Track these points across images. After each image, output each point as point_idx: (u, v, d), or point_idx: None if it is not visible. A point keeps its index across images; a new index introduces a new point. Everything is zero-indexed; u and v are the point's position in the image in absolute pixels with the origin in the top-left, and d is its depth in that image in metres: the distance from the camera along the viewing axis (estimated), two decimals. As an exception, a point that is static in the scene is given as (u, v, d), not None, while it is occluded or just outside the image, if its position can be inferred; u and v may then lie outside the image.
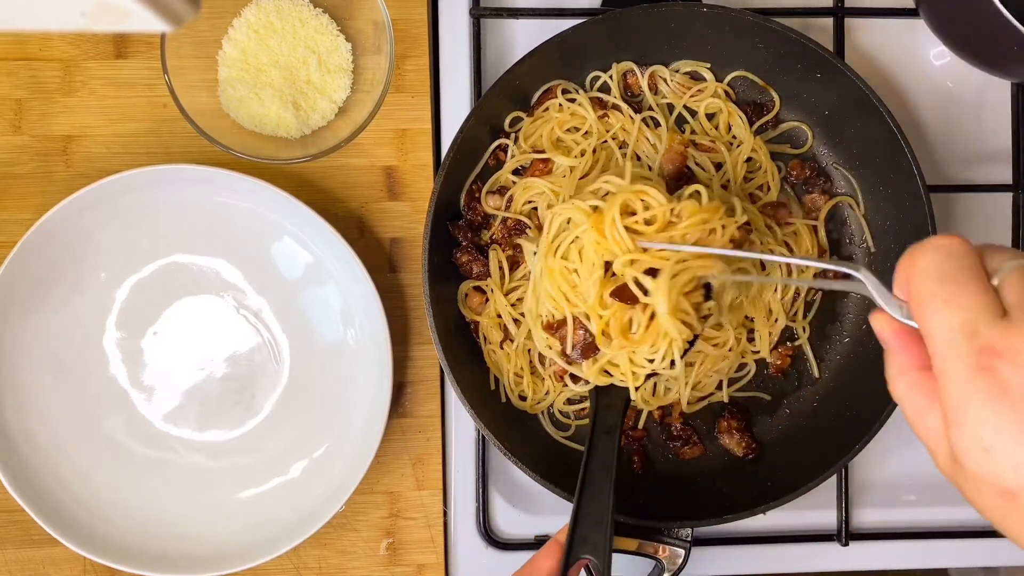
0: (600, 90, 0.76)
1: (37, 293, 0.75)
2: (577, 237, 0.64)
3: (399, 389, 0.79)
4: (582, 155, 0.74)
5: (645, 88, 0.76)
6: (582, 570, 0.63)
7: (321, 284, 0.77)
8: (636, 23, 0.73)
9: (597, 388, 0.67)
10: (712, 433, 0.77)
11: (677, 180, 0.74)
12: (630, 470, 0.76)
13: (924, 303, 0.41)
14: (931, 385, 0.43)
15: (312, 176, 0.78)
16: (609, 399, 0.67)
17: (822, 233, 0.77)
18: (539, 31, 0.76)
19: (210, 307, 0.77)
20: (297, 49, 0.75)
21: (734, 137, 0.76)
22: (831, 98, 0.75)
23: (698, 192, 0.64)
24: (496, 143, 0.76)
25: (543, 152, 0.75)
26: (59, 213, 0.72)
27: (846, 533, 0.79)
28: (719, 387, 0.77)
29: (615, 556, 0.62)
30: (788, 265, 0.75)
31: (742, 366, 0.77)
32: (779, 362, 0.77)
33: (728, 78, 0.77)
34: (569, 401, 0.76)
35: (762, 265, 0.75)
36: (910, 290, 0.43)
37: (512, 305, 0.74)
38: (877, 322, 0.46)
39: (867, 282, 0.48)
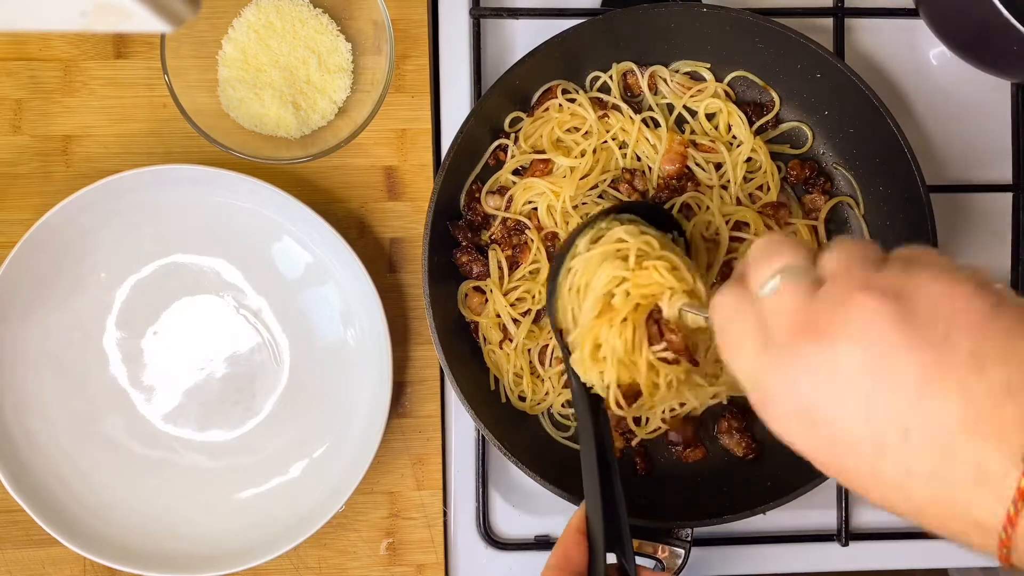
0: (600, 90, 0.76)
1: (37, 293, 0.75)
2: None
3: (399, 389, 0.79)
4: (582, 155, 0.74)
5: (645, 88, 0.76)
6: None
7: (321, 284, 0.77)
8: (636, 23, 0.73)
9: (585, 394, 0.66)
10: (712, 433, 0.77)
11: (677, 180, 0.75)
12: (634, 471, 0.76)
13: (751, 271, 0.46)
14: None
15: (312, 176, 0.78)
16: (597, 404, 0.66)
17: (822, 233, 0.77)
18: (539, 31, 0.76)
19: (210, 307, 0.77)
20: (297, 49, 0.75)
21: (734, 137, 0.76)
22: (831, 98, 0.75)
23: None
24: (496, 143, 0.76)
25: (543, 152, 0.75)
26: (59, 213, 0.72)
27: (846, 533, 0.79)
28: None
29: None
30: None
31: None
32: None
33: (728, 78, 0.77)
34: (568, 403, 0.76)
35: None
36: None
37: (512, 305, 0.74)
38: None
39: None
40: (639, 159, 0.75)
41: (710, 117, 0.77)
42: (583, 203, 0.74)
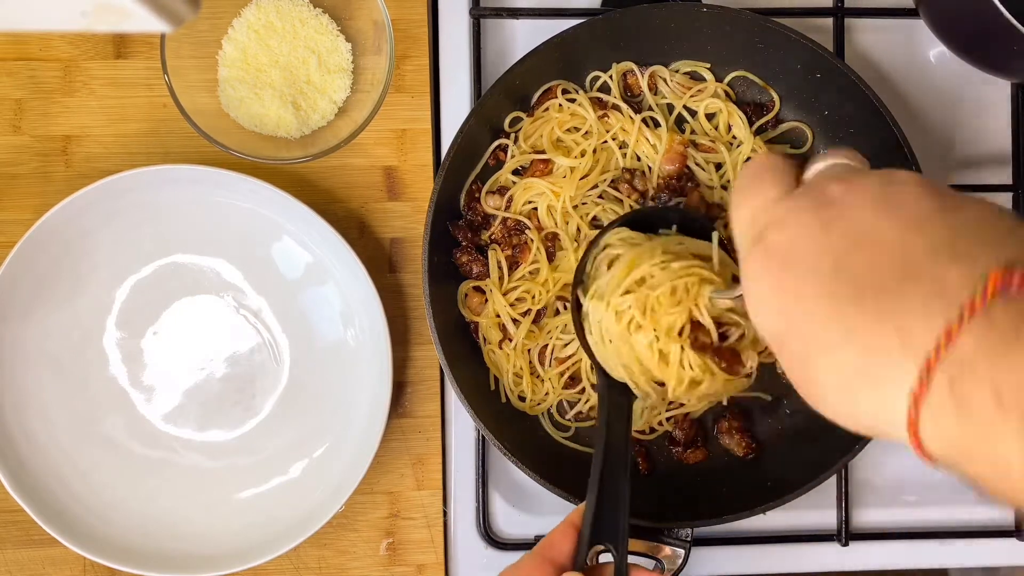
0: (600, 90, 0.76)
1: (37, 293, 0.75)
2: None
3: (399, 389, 0.79)
4: (582, 155, 0.74)
5: (645, 88, 0.76)
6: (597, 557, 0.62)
7: (321, 284, 0.77)
8: (636, 23, 0.73)
9: (609, 388, 0.66)
10: (712, 433, 0.77)
11: (677, 180, 0.74)
12: (636, 472, 0.76)
13: (731, 213, 0.47)
14: None
15: (312, 176, 0.78)
16: (619, 395, 0.66)
17: (822, 233, 0.77)
18: (539, 31, 0.76)
19: (210, 307, 0.77)
20: (297, 49, 0.75)
21: (734, 137, 0.76)
22: (831, 98, 0.75)
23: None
24: (496, 143, 0.76)
25: (543, 152, 0.74)
26: (59, 213, 0.72)
27: (846, 533, 0.79)
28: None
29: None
30: None
31: (742, 366, 0.77)
32: None
33: (728, 78, 0.77)
34: (569, 404, 0.76)
35: None
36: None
37: (511, 305, 0.74)
38: None
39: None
40: (639, 159, 0.75)
41: (710, 117, 0.77)
42: (583, 203, 0.74)
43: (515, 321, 0.74)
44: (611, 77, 0.76)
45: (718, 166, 0.75)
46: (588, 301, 0.65)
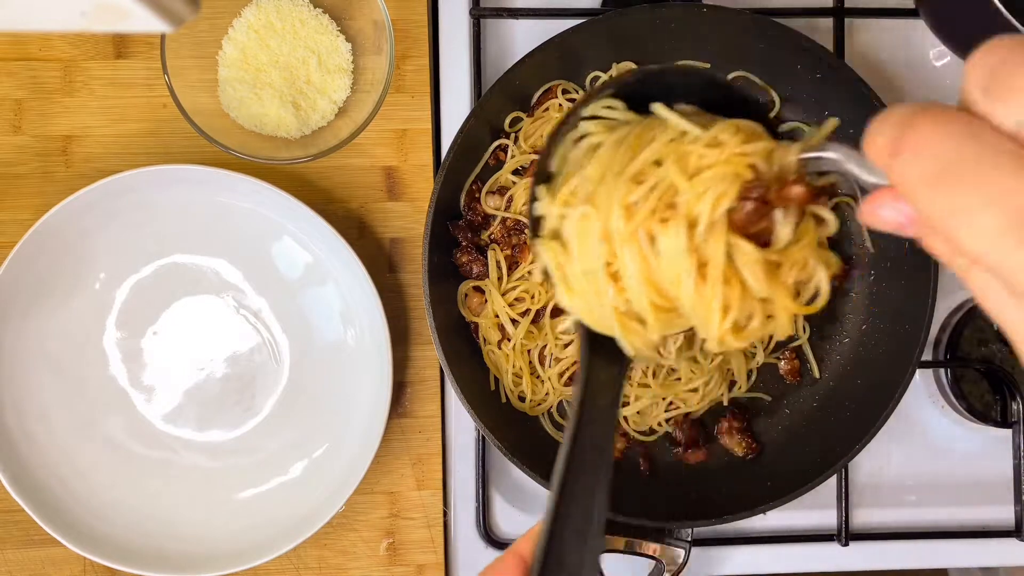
0: (600, 90, 0.76)
1: (37, 293, 0.75)
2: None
3: (399, 389, 0.79)
4: (582, 155, 0.74)
5: (645, 88, 0.76)
6: None
7: (321, 284, 0.77)
8: (636, 23, 0.73)
9: (591, 351, 0.47)
10: (712, 433, 0.77)
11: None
12: (637, 473, 0.76)
13: (950, 204, 0.30)
14: None
15: (312, 176, 0.78)
16: (606, 363, 0.47)
17: (822, 233, 0.76)
18: (539, 31, 0.76)
19: (210, 307, 0.77)
20: (297, 49, 0.75)
21: (734, 137, 0.76)
22: (831, 98, 0.74)
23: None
24: (496, 143, 0.76)
25: (543, 152, 0.75)
26: (59, 213, 0.72)
27: (846, 533, 0.79)
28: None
29: (609, 556, 0.54)
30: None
31: (742, 366, 0.77)
32: (789, 367, 0.77)
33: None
34: (569, 405, 0.76)
35: None
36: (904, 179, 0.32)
37: (510, 305, 0.74)
38: (886, 212, 0.36)
39: (839, 156, 0.39)
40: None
41: (710, 117, 0.76)
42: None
43: (514, 321, 0.74)
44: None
45: (718, 166, 0.75)
46: (563, 209, 0.46)
